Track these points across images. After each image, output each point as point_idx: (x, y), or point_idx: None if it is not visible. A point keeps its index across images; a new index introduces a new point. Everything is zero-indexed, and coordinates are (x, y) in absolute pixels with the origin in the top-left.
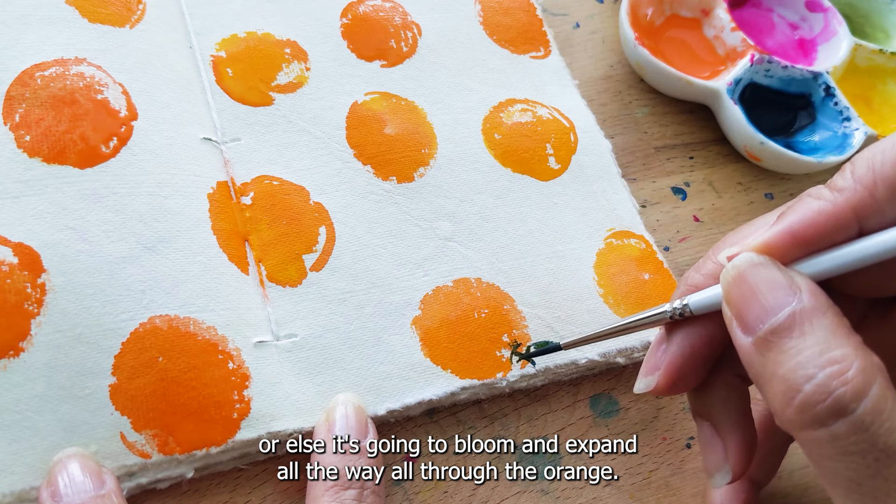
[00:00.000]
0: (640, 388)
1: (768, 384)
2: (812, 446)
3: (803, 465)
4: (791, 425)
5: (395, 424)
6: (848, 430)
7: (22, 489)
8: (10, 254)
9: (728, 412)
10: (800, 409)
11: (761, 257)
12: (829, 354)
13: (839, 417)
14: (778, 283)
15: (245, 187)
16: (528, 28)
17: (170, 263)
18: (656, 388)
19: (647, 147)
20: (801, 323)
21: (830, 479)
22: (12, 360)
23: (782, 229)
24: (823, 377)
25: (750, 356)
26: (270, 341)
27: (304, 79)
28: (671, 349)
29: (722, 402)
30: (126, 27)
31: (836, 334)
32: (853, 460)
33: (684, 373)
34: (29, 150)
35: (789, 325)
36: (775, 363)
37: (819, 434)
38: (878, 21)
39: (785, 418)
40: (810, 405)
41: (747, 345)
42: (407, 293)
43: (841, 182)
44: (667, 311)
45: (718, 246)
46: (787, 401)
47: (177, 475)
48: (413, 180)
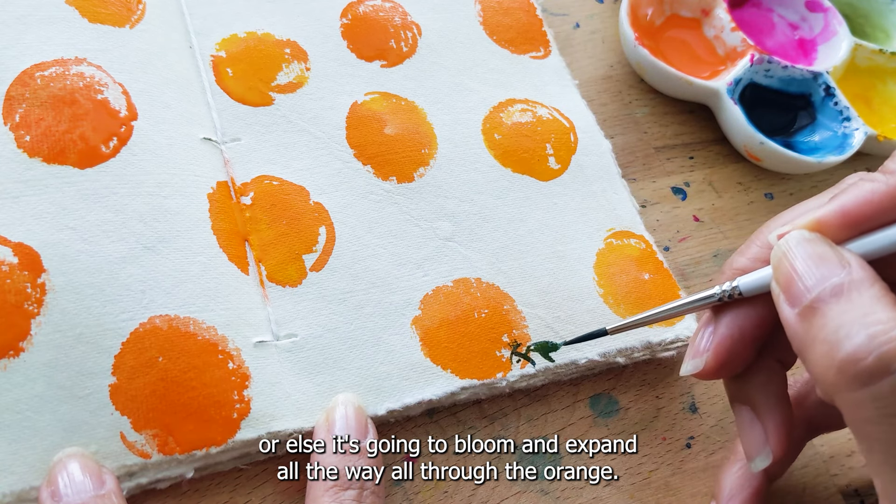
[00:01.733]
0: (688, 370)
1: (810, 350)
2: (853, 409)
3: (804, 465)
4: (832, 388)
5: (395, 424)
6: (891, 390)
7: (22, 489)
8: (10, 254)
9: (767, 396)
10: (841, 368)
11: (812, 234)
12: (874, 316)
13: (882, 377)
14: (828, 258)
15: (245, 187)
16: (528, 28)
17: (170, 263)
18: (704, 370)
19: (647, 147)
20: (848, 291)
21: (869, 444)
22: (12, 360)
23: (834, 208)
24: (865, 336)
25: (795, 326)
26: (270, 341)
27: (304, 79)
28: (720, 332)
29: (762, 386)
30: (126, 27)
31: (882, 301)
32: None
33: (732, 355)
34: (29, 150)
35: (836, 293)
36: (818, 327)
37: (860, 395)
38: (878, 21)
39: (826, 381)
40: (852, 364)
41: (793, 316)
42: (407, 293)
43: (892, 165)
44: (716, 294)
45: (765, 228)
46: (828, 362)
47: (177, 475)
48: (413, 180)
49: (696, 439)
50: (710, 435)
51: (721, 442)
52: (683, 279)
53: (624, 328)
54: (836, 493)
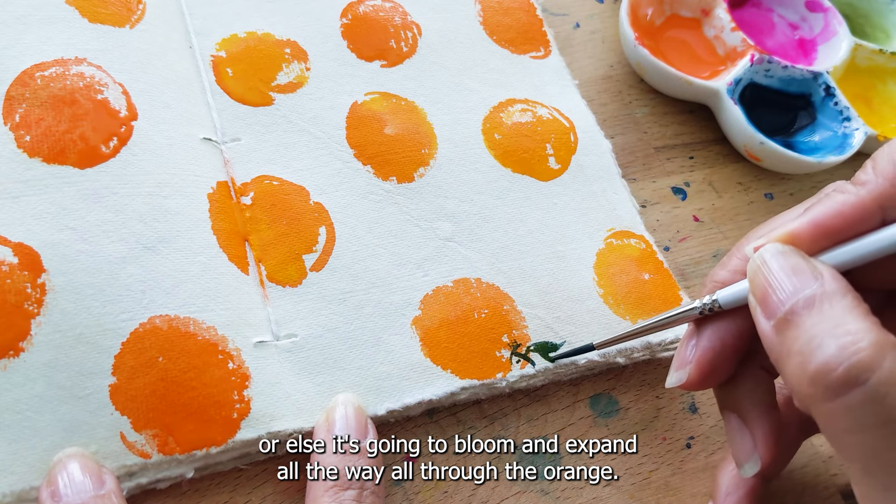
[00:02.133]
0: (672, 383)
1: (786, 362)
2: (829, 420)
3: (803, 465)
4: (808, 399)
5: (395, 424)
6: (863, 401)
7: (22, 489)
8: (10, 254)
9: (755, 403)
10: (813, 379)
11: (786, 247)
12: (844, 328)
13: (852, 388)
14: (801, 269)
15: (245, 187)
16: (528, 28)
17: (170, 263)
18: (687, 382)
19: (647, 147)
20: (820, 303)
21: (848, 454)
22: (12, 360)
23: (807, 220)
24: (836, 347)
25: (771, 339)
26: (270, 341)
27: (304, 79)
28: (701, 344)
29: (749, 394)
30: (126, 27)
31: (854, 313)
32: (870, 433)
33: (715, 366)
34: (29, 150)
35: (808, 304)
36: (792, 339)
37: (834, 406)
38: (878, 21)
39: (801, 393)
40: (823, 375)
41: (769, 328)
42: (407, 293)
43: (863, 176)
44: (696, 308)
45: (744, 240)
46: (801, 373)
47: (177, 475)
48: (413, 180)
49: (696, 439)
50: (710, 435)
51: (721, 442)
52: (683, 279)
53: (610, 343)
54: (836, 493)
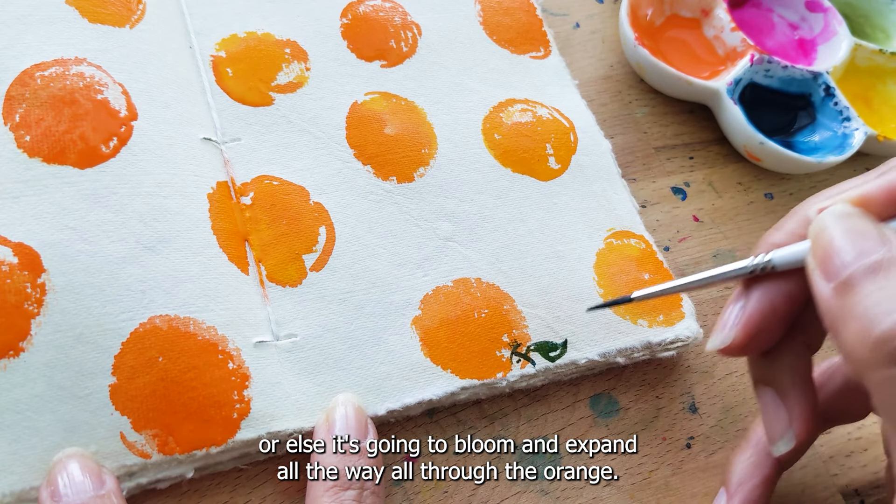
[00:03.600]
0: (715, 344)
1: (844, 326)
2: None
3: (803, 465)
4: (863, 366)
5: (395, 424)
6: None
7: (22, 489)
8: (10, 254)
9: (794, 377)
10: (875, 345)
11: (854, 209)
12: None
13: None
14: (868, 233)
15: (245, 187)
16: (528, 28)
17: (170, 263)
18: (732, 345)
19: (647, 147)
20: (887, 268)
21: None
22: (12, 360)
23: (881, 184)
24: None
25: (829, 302)
26: (270, 341)
27: (304, 79)
28: (750, 304)
29: (788, 368)
30: (126, 27)
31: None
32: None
33: (761, 330)
34: (29, 150)
35: (874, 269)
36: (854, 304)
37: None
38: (878, 21)
39: (858, 359)
40: (886, 342)
41: (827, 290)
42: (407, 293)
43: None
44: (748, 267)
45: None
46: (861, 339)
47: (177, 475)
48: (413, 180)
49: (696, 439)
50: (710, 435)
51: (721, 442)
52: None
53: (650, 296)
54: (836, 493)
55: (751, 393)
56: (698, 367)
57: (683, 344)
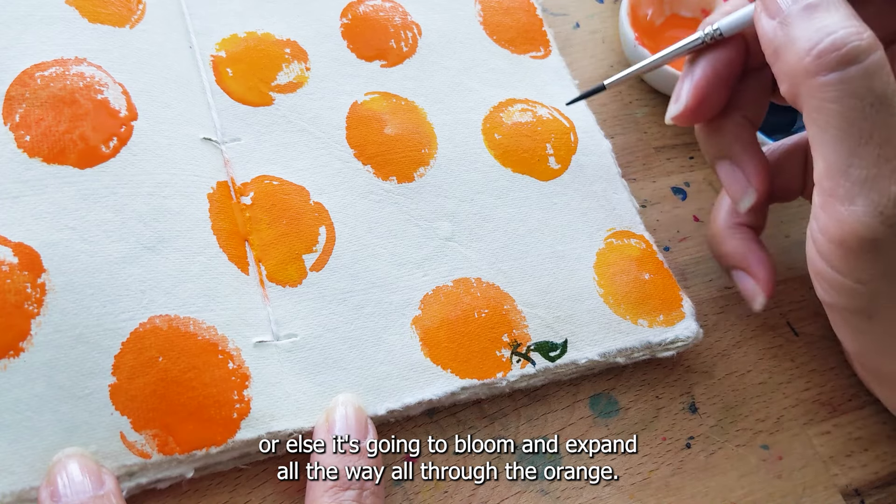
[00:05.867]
0: (671, 113)
1: (788, 48)
2: (819, 91)
3: (803, 465)
4: (805, 75)
5: (395, 424)
6: (855, 75)
7: (22, 489)
8: (10, 254)
9: (743, 144)
10: (819, 54)
11: None
12: (850, 21)
13: (851, 63)
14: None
15: (245, 187)
16: (528, 28)
17: (170, 263)
18: (685, 110)
19: (647, 147)
20: (824, 6)
21: (825, 122)
22: (12, 360)
23: None
24: (844, 33)
25: (773, 33)
26: (270, 341)
27: (304, 79)
28: (696, 74)
29: (736, 138)
30: (126, 27)
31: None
32: (852, 102)
33: (708, 94)
34: (29, 150)
35: (812, 6)
36: (799, 28)
37: (830, 77)
38: None
39: (800, 69)
40: (828, 52)
41: (771, 25)
42: (407, 293)
43: None
44: (700, 37)
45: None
46: (806, 52)
47: (177, 475)
48: (413, 180)
49: (696, 439)
50: (710, 435)
51: (721, 442)
52: (683, 279)
53: (620, 80)
54: (836, 493)
55: (751, 393)
56: (698, 367)
57: (683, 344)
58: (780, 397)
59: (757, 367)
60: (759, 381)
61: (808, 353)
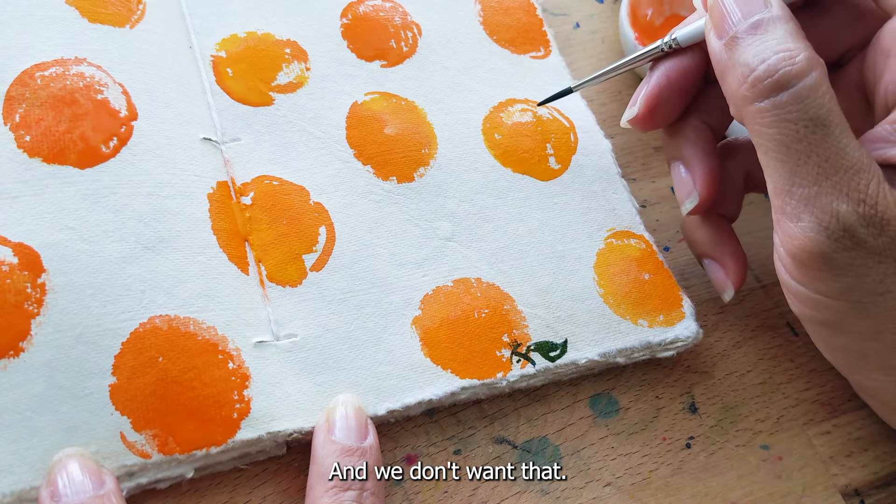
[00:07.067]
0: (626, 117)
1: (730, 72)
2: (758, 116)
3: (803, 465)
4: (743, 101)
5: (395, 424)
6: (787, 100)
7: (22, 489)
8: (10, 254)
9: (696, 150)
10: (752, 83)
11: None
12: (784, 45)
13: (783, 90)
14: None
15: (245, 187)
16: (528, 28)
17: (170, 263)
18: (638, 115)
19: (647, 147)
20: (766, 25)
21: (768, 146)
22: (12, 360)
23: None
24: (775, 59)
25: (720, 55)
26: (270, 341)
27: (304, 79)
28: (651, 81)
29: (691, 143)
30: (126, 27)
31: (794, 35)
32: (787, 126)
33: (660, 101)
34: (29, 150)
35: (756, 26)
36: (738, 55)
37: (765, 104)
38: None
39: (739, 97)
40: (761, 79)
41: (718, 46)
42: (407, 293)
43: None
44: (658, 45)
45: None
46: (742, 79)
47: (177, 475)
48: (413, 180)
49: (696, 439)
50: (709, 435)
51: (721, 442)
52: (683, 279)
53: (587, 83)
54: (836, 493)
55: (751, 393)
56: (698, 367)
57: (683, 344)
58: (779, 397)
59: (757, 367)
60: (759, 381)
61: (807, 353)
